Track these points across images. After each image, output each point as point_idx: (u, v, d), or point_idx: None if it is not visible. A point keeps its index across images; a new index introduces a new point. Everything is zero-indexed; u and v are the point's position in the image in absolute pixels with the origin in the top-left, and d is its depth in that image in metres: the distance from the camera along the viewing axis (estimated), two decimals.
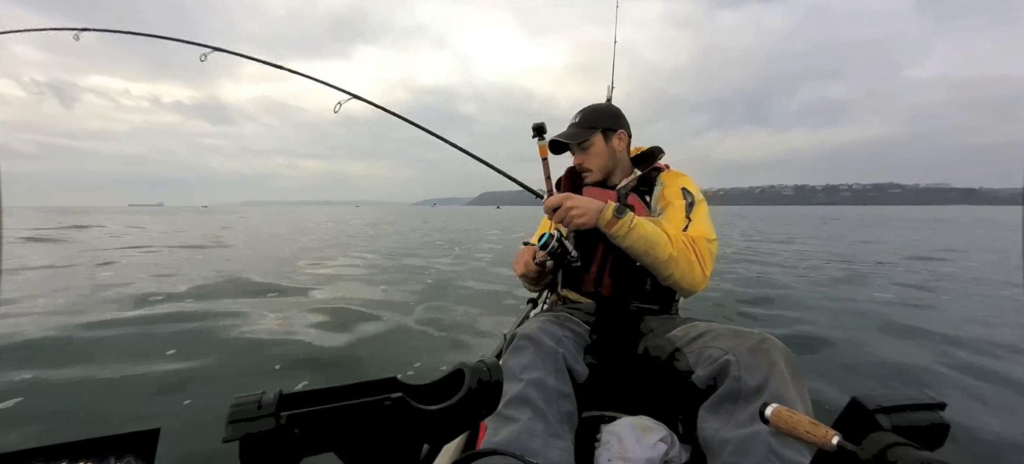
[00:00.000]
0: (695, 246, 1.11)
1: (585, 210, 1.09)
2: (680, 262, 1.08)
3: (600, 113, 1.33)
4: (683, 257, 1.09)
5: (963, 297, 4.66)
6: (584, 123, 1.31)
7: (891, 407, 0.42)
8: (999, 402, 2.19)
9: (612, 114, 1.33)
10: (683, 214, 1.18)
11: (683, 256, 1.09)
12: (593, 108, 1.35)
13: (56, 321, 3.45)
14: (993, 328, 3.43)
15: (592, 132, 1.29)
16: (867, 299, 4.54)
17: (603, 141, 1.30)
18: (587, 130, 1.29)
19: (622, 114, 1.35)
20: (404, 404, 0.41)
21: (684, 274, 1.09)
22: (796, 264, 7.24)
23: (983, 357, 2.77)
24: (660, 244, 1.07)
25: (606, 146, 1.30)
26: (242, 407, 0.37)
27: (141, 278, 5.55)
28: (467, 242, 11.67)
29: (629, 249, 1.10)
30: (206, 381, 2.40)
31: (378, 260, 7.75)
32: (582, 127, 1.30)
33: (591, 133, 1.29)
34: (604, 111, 1.35)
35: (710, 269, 1.13)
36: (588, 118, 1.32)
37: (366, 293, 4.78)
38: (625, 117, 1.35)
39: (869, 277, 5.93)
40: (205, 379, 2.42)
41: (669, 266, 1.08)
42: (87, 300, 4.28)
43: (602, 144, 1.30)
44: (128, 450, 0.34)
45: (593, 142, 1.29)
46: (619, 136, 1.31)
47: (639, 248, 1.08)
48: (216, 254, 8.46)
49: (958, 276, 6.00)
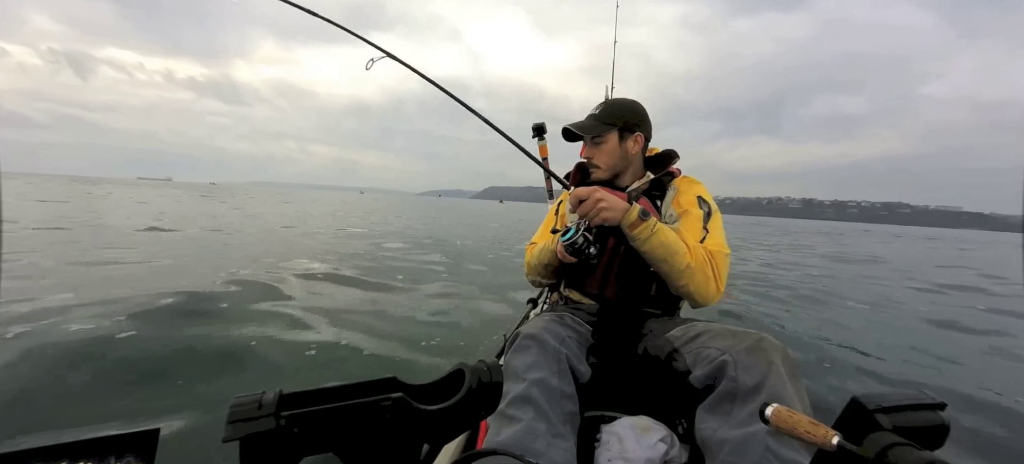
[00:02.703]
0: (713, 260, 1.09)
1: (613, 206, 1.07)
2: (696, 274, 1.07)
3: (621, 110, 1.28)
4: (700, 269, 1.07)
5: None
6: (603, 117, 1.26)
7: (891, 407, 0.42)
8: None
9: (634, 114, 1.27)
10: (701, 224, 1.15)
11: (700, 268, 1.07)
12: (616, 103, 1.31)
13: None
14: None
15: (608, 128, 1.25)
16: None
17: (617, 140, 1.25)
18: (603, 125, 1.25)
19: (646, 116, 1.29)
20: (404, 404, 0.41)
21: (699, 286, 1.08)
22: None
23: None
24: (679, 253, 1.06)
25: (619, 146, 1.26)
26: (242, 407, 0.37)
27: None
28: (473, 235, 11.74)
29: (648, 253, 1.08)
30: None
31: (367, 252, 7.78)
32: (599, 121, 1.26)
33: (607, 129, 1.25)
34: (627, 109, 1.28)
35: (724, 284, 1.11)
36: (608, 113, 1.26)
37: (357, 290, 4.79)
38: (649, 120, 1.30)
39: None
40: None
41: (685, 276, 1.07)
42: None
43: (615, 143, 1.25)
44: (128, 450, 0.34)
45: (607, 139, 1.25)
46: (635, 138, 1.26)
47: (658, 254, 1.07)
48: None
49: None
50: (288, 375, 2.51)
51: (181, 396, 2.10)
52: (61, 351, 2.46)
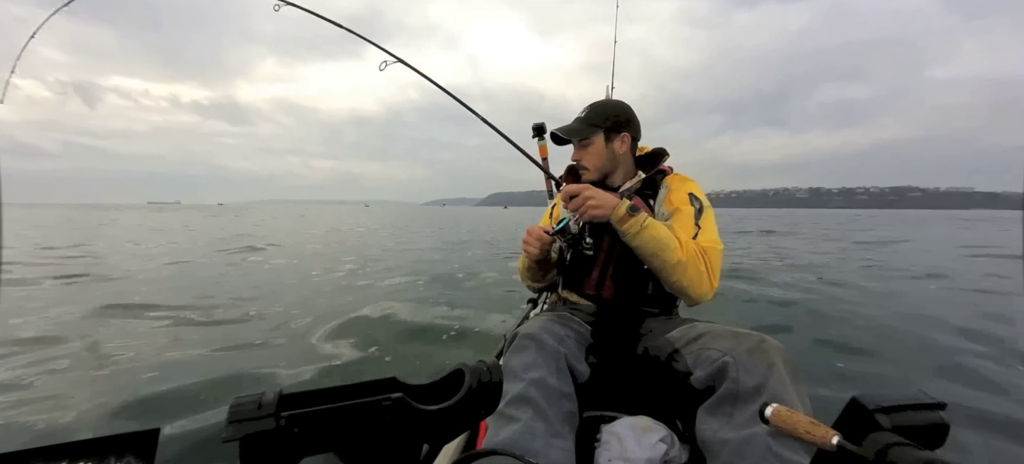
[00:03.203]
0: (706, 256, 1.09)
1: (601, 203, 1.09)
2: (689, 269, 1.07)
3: (606, 112, 1.30)
4: (692, 265, 1.07)
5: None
6: (588, 119, 1.29)
7: (891, 407, 0.42)
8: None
9: (619, 114, 1.30)
10: (692, 221, 1.16)
11: (692, 264, 1.07)
12: (601, 105, 1.33)
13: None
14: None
15: (594, 130, 1.27)
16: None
17: (603, 141, 1.28)
18: (589, 128, 1.28)
19: (632, 116, 1.32)
20: (404, 404, 0.41)
21: (692, 281, 1.08)
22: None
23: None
24: (670, 247, 1.06)
25: (606, 147, 1.28)
26: (242, 407, 0.37)
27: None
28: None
29: (639, 248, 1.09)
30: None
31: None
32: (585, 123, 1.29)
33: (593, 131, 1.27)
34: (611, 110, 1.31)
35: (718, 280, 1.11)
36: (593, 115, 1.29)
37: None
38: (636, 119, 1.32)
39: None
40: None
41: (677, 271, 1.07)
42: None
43: (602, 144, 1.28)
44: (128, 450, 0.34)
45: (593, 141, 1.28)
46: (622, 138, 1.28)
47: (649, 249, 1.08)
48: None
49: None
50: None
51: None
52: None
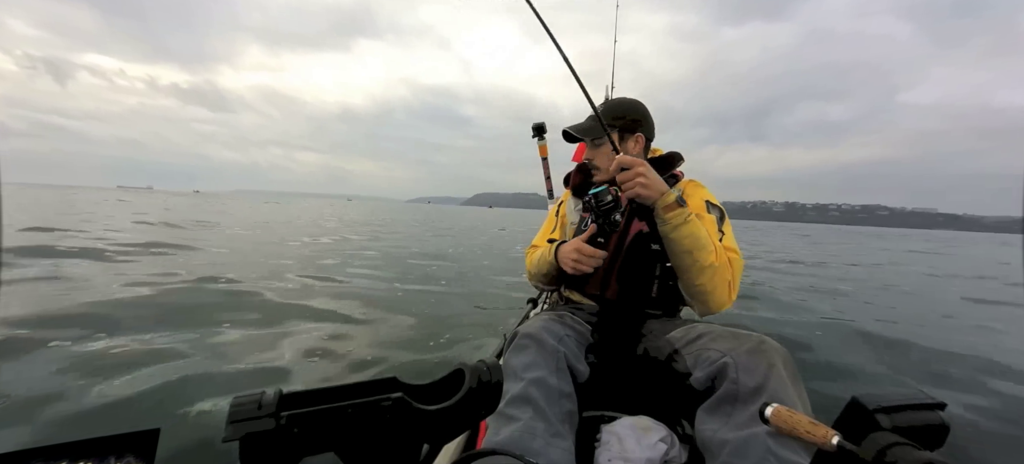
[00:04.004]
0: (732, 265, 1.07)
1: (651, 183, 1.01)
2: (717, 274, 1.04)
3: (622, 110, 1.26)
4: (722, 271, 1.04)
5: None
6: (602, 118, 1.21)
7: (891, 407, 0.42)
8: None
9: (634, 114, 1.25)
10: (715, 228, 1.13)
11: (723, 269, 1.04)
12: (616, 103, 1.29)
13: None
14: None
15: (608, 129, 1.21)
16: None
17: (617, 141, 1.23)
18: (603, 127, 1.21)
19: (647, 115, 1.27)
20: (404, 404, 0.41)
21: (716, 287, 1.05)
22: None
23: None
24: (707, 248, 1.02)
25: (620, 147, 1.23)
26: (242, 407, 0.37)
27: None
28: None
29: (675, 241, 1.03)
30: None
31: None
32: (599, 122, 1.21)
33: (607, 130, 1.21)
34: (626, 109, 1.27)
35: (737, 291, 1.09)
36: (607, 114, 1.25)
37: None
38: (651, 119, 1.28)
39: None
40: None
41: (706, 274, 1.03)
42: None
43: (615, 144, 1.22)
44: (128, 450, 0.34)
45: (606, 140, 1.23)
46: (636, 139, 1.24)
47: (685, 245, 1.02)
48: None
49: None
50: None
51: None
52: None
